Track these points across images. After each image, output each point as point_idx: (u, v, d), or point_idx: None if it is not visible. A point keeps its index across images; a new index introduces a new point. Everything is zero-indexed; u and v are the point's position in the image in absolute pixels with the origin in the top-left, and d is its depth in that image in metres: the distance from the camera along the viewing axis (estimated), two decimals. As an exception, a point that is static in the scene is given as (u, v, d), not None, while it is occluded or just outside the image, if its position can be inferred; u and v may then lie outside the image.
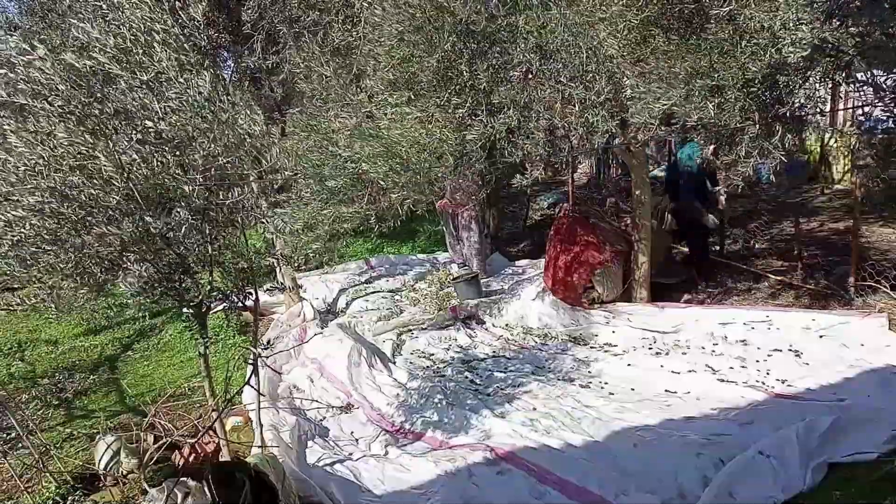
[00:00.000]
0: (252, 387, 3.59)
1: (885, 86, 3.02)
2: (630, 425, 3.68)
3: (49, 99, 2.19)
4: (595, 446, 3.56)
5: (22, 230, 2.20)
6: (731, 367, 4.29)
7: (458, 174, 3.83)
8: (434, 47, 3.41)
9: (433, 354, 5.39)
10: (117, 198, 2.26)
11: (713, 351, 4.63)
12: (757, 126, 2.84)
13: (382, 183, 3.75)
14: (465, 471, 3.50)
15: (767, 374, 4.12)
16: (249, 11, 5.00)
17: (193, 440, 3.68)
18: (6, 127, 2.24)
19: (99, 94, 2.25)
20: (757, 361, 4.32)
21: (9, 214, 2.18)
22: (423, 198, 3.83)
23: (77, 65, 2.19)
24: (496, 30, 3.42)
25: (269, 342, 3.69)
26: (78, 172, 2.20)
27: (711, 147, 5.60)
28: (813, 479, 2.83)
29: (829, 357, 4.14)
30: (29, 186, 2.16)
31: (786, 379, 3.99)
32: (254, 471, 3.02)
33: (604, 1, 2.89)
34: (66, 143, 2.17)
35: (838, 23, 2.57)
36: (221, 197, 2.67)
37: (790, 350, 4.38)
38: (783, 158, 2.92)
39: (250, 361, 3.37)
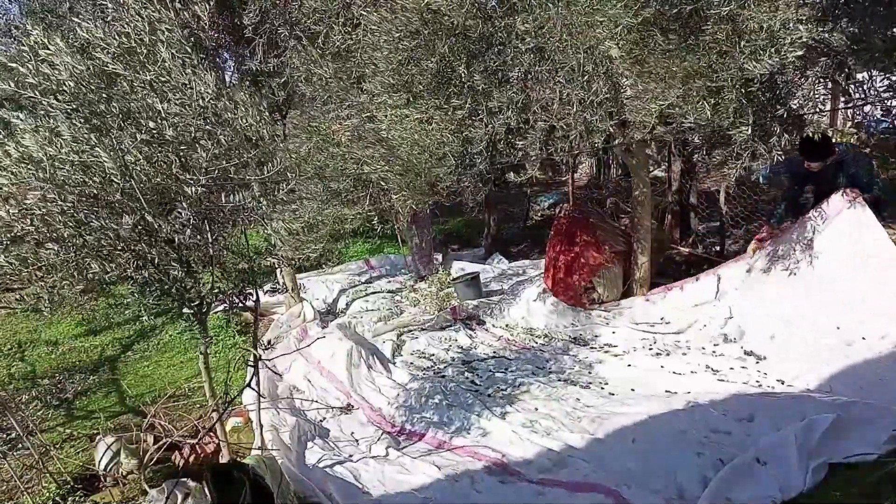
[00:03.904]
0: (252, 388, 3.59)
1: (877, 88, 3.05)
2: (630, 421, 3.68)
3: (56, 94, 2.19)
4: (594, 444, 3.56)
5: (23, 227, 2.21)
6: (732, 368, 4.29)
7: (459, 174, 3.84)
8: (431, 50, 3.42)
9: (433, 355, 5.39)
10: (119, 196, 2.27)
11: (714, 352, 4.63)
12: (750, 127, 2.85)
13: (384, 184, 3.76)
14: (467, 473, 3.50)
15: (766, 374, 4.12)
16: (251, 15, 5.01)
17: (193, 441, 3.68)
18: (14, 121, 2.24)
19: (105, 94, 2.26)
20: (757, 362, 4.32)
21: (10, 210, 2.19)
22: (424, 199, 3.83)
23: (82, 66, 2.20)
24: (493, 32, 3.43)
25: (269, 342, 3.70)
26: (81, 170, 2.21)
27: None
28: (813, 480, 2.83)
29: (830, 355, 4.12)
30: (32, 180, 2.16)
31: (785, 379, 3.99)
32: (252, 473, 3.02)
33: (601, 1, 2.89)
34: (70, 140, 2.17)
35: (832, 24, 2.58)
36: (223, 198, 2.67)
37: (794, 354, 4.37)
38: (779, 158, 2.93)
39: (251, 363, 3.37)
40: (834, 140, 5.98)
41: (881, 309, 4.00)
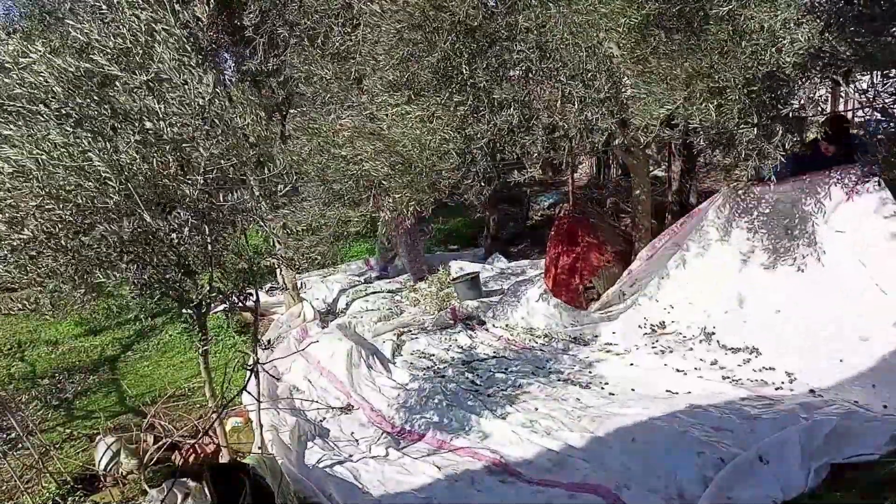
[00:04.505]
0: (249, 393, 3.59)
1: (880, 91, 3.03)
2: (631, 421, 3.68)
3: (45, 101, 2.18)
4: (594, 444, 3.55)
5: (20, 234, 2.20)
6: (737, 366, 4.28)
7: (462, 173, 3.83)
8: (433, 46, 3.41)
9: (433, 355, 5.38)
10: (115, 198, 2.26)
11: (716, 349, 4.59)
12: (755, 128, 2.84)
13: (385, 183, 3.75)
14: (467, 473, 3.49)
15: (770, 371, 4.11)
16: (251, 16, 5.01)
17: (193, 441, 3.68)
18: (5, 132, 2.24)
19: (96, 96, 2.25)
20: (757, 357, 4.29)
21: (7, 217, 2.18)
22: (425, 198, 3.83)
23: (70, 68, 2.19)
24: (496, 28, 3.43)
25: (269, 342, 3.70)
26: (75, 174, 2.20)
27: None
28: (814, 480, 2.83)
29: (833, 351, 4.09)
30: (26, 190, 2.16)
31: (788, 378, 3.98)
32: (252, 473, 3.02)
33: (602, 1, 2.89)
34: (62, 145, 2.16)
35: (836, 32, 2.57)
36: (221, 198, 2.67)
37: (796, 351, 4.34)
38: (782, 159, 2.92)
39: (249, 367, 3.37)
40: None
41: (882, 301, 3.96)
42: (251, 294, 3.16)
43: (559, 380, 4.55)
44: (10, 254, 2.23)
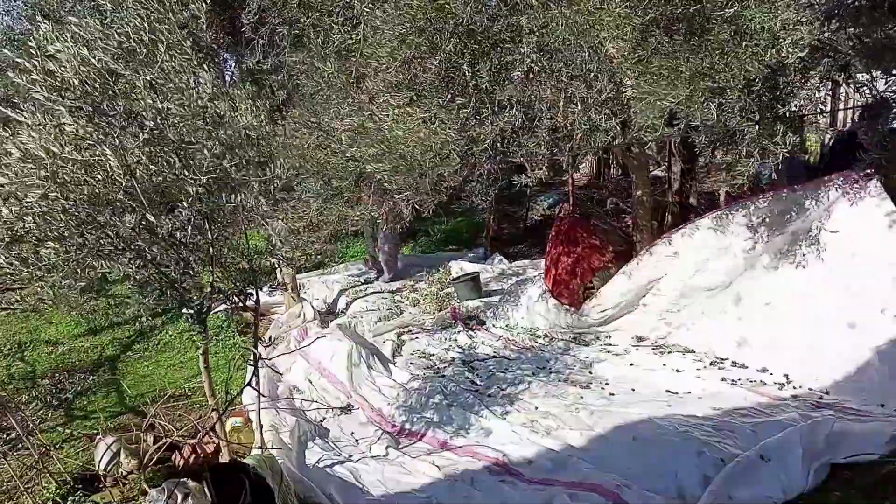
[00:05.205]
0: (253, 388, 3.59)
1: (881, 90, 3.04)
2: (631, 420, 3.68)
3: (62, 93, 2.18)
4: (595, 443, 3.55)
5: (24, 225, 2.20)
6: (734, 366, 4.28)
7: (465, 175, 3.83)
8: (436, 48, 3.41)
9: (433, 355, 5.38)
10: (120, 196, 2.26)
11: (715, 351, 4.60)
12: (757, 126, 2.85)
13: (386, 185, 3.75)
14: (467, 473, 3.49)
15: (770, 373, 4.11)
16: (250, 15, 5.01)
17: (193, 441, 3.68)
18: (17, 118, 2.24)
19: (112, 92, 2.25)
20: (758, 358, 4.30)
21: (11, 210, 2.18)
22: (427, 199, 3.82)
23: (94, 60, 2.19)
24: (498, 30, 3.43)
25: (270, 339, 3.71)
26: (83, 168, 2.20)
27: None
28: (814, 480, 2.83)
29: (833, 351, 4.08)
30: (33, 182, 2.16)
31: (789, 374, 3.98)
32: (252, 473, 3.02)
33: (605, 1, 2.89)
34: (74, 138, 2.17)
35: (836, 25, 2.58)
36: (223, 198, 2.67)
37: (794, 347, 4.34)
38: (785, 154, 2.93)
39: (250, 363, 3.37)
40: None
41: (875, 303, 3.96)
42: (251, 294, 3.16)
43: (559, 380, 4.56)
44: (12, 243, 2.23)
